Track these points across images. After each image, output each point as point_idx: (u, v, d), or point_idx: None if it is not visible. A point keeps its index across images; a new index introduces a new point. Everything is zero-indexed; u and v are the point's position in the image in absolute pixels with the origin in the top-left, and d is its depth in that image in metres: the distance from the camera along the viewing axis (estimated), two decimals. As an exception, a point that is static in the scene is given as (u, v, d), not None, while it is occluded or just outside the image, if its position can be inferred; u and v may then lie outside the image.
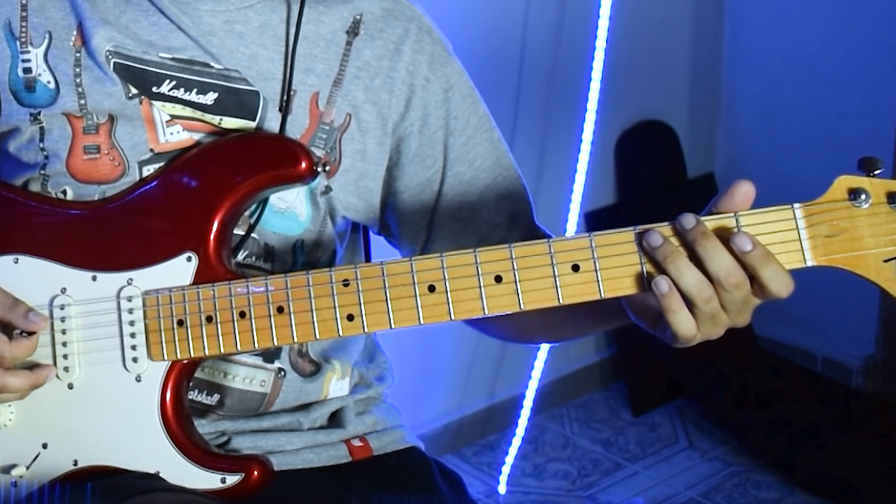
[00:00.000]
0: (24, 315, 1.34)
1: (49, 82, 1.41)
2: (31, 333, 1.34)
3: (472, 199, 1.49)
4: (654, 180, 3.32)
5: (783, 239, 1.22)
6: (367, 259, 1.63)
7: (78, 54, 1.41)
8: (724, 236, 1.22)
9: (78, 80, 1.40)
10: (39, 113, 1.41)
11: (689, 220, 1.23)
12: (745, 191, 1.23)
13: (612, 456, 3.08)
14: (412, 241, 1.52)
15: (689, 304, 1.22)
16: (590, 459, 3.07)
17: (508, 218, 1.50)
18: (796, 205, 1.22)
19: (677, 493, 2.93)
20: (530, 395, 2.95)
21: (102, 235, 1.38)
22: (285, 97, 1.41)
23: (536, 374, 2.94)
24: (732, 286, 1.21)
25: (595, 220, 3.18)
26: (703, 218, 1.23)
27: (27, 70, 1.41)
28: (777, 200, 1.23)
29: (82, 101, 1.40)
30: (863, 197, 1.21)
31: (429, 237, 1.50)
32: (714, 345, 1.28)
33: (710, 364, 3.21)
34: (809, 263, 1.23)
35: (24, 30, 1.42)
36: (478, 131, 1.49)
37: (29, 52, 1.42)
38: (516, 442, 2.98)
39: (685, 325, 1.23)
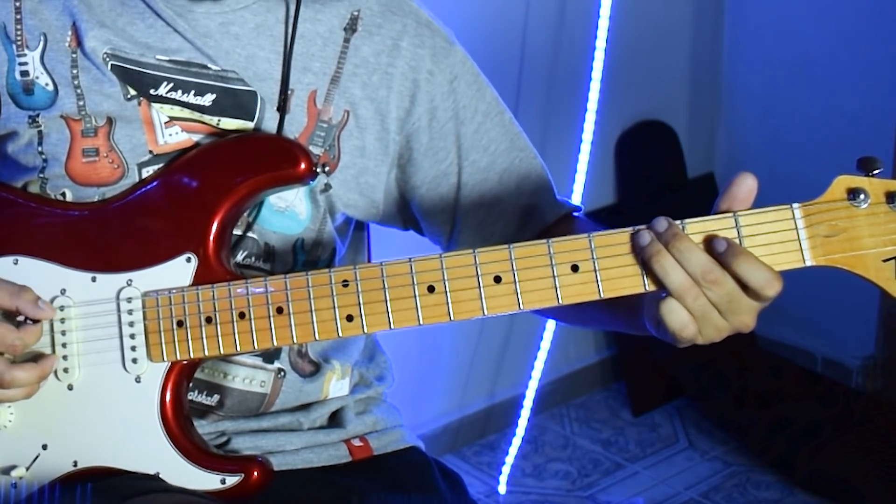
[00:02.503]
0: (33, 302, 1.34)
1: (47, 84, 1.41)
2: (35, 321, 1.34)
3: (491, 184, 1.49)
4: (654, 180, 3.32)
5: (782, 239, 1.22)
6: (369, 258, 1.63)
7: (74, 55, 1.41)
8: (708, 240, 1.22)
9: (76, 82, 1.40)
10: (38, 115, 1.41)
11: (660, 223, 1.23)
12: (748, 185, 1.23)
13: (612, 456, 3.08)
14: (438, 234, 1.52)
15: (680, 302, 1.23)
16: (590, 459, 3.07)
17: (532, 197, 1.50)
18: (795, 205, 1.22)
19: (677, 493, 2.93)
20: (530, 395, 2.95)
21: (102, 236, 1.38)
22: (283, 98, 1.41)
23: (536, 374, 2.94)
24: (711, 283, 1.21)
25: (595, 220, 3.17)
26: (702, 218, 1.23)
27: (24, 73, 1.41)
28: (777, 200, 1.23)
29: (81, 103, 1.40)
30: (862, 197, 1.21)
31: (454, 228, 1.51)
32: (714, 345, 1.28)
33: (710, 364, 3.21)
34: (808, 263, 1.23)
35: (19, 33, 1.42)
36: (487, 117, 1.49)
37: (25, 55, 1.41)
38: (516, 442, 2.98)
39: (679, 320, 1.23)
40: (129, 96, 1.40)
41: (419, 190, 1.49)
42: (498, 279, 1.27)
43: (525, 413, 2.97)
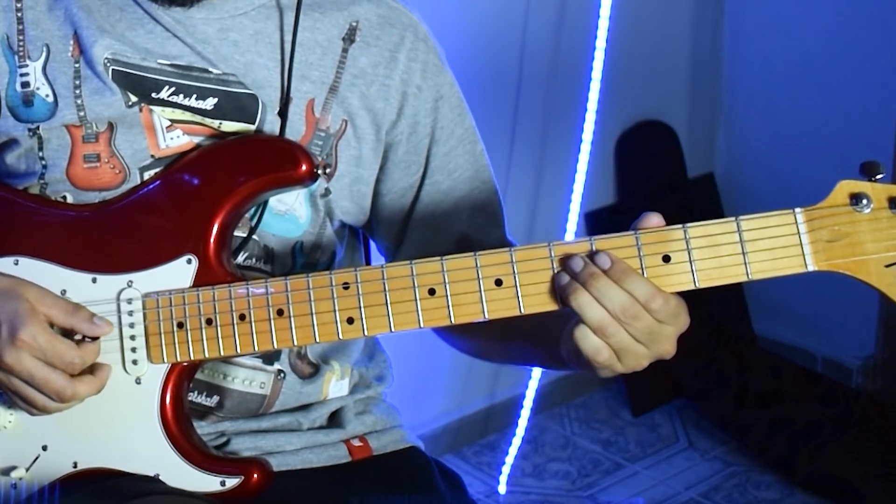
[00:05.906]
0: (89, 320, 1.33)
1: (47, 96, 1.40)
2: (94, 338, 1.34)
3: (445, 208, 1.49)
4: (654, 180, 3.32)
5: (785, 244, 1.22)
6: (367, 259, 1.63)
7: (77, 65, 1.40)
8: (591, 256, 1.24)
9: (77, 91, 1.40)
10: (38, 128, 1.41)
11: (576, 263, 1.24)
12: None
13: (612, 456, 3.08)
14: (386, 240, 1.53)
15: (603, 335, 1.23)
16: (590, 459, 3.07)
17: (479, 231, 1.51)
18: (798, 209, 1.22)
19: (677, 493, 2.93)
20: (530, 395, 2.95)
21: (103, 237, 1.38)
22: (283, 105, 1.40)
23: (536, 374, 2.94)
24: (632, 318, 1.22)
25: (595, 221, 3.18)
26: (705, 223, 1.23)
27: (25, 84, 1.41)
28: (777, 199, 1.23)
29: (81, 114, 1.40)
30: (864, 202, 1.21)
31: (401, 241, 1.51)
32: (714, 345, 1.28)
33: (710, 364, 3.21)
34: (811, 268, 1.22)
35: (21, 44, 1.41)
36: (461, 142, 1.50)
37: (27, 65, 1.41)
38: (516, 442, 2.98)
39: (591, 346, 1.23)
40: (130, 104, 1.40)
41: (384, 197, 1.49)
42: (499, 282, 1.27)
43: (525, 413, 2.97)
